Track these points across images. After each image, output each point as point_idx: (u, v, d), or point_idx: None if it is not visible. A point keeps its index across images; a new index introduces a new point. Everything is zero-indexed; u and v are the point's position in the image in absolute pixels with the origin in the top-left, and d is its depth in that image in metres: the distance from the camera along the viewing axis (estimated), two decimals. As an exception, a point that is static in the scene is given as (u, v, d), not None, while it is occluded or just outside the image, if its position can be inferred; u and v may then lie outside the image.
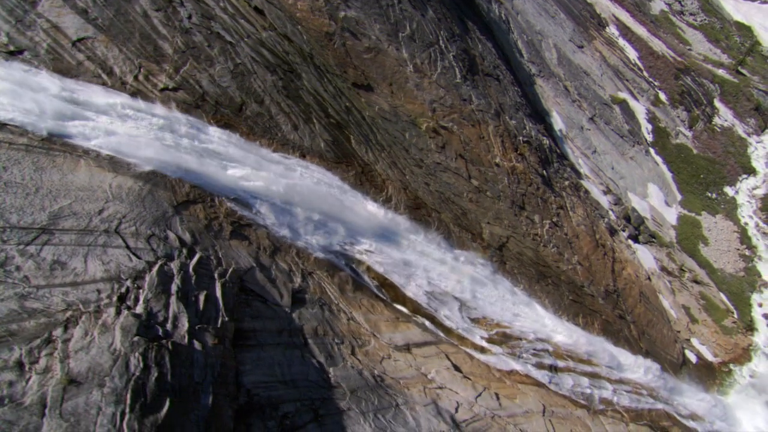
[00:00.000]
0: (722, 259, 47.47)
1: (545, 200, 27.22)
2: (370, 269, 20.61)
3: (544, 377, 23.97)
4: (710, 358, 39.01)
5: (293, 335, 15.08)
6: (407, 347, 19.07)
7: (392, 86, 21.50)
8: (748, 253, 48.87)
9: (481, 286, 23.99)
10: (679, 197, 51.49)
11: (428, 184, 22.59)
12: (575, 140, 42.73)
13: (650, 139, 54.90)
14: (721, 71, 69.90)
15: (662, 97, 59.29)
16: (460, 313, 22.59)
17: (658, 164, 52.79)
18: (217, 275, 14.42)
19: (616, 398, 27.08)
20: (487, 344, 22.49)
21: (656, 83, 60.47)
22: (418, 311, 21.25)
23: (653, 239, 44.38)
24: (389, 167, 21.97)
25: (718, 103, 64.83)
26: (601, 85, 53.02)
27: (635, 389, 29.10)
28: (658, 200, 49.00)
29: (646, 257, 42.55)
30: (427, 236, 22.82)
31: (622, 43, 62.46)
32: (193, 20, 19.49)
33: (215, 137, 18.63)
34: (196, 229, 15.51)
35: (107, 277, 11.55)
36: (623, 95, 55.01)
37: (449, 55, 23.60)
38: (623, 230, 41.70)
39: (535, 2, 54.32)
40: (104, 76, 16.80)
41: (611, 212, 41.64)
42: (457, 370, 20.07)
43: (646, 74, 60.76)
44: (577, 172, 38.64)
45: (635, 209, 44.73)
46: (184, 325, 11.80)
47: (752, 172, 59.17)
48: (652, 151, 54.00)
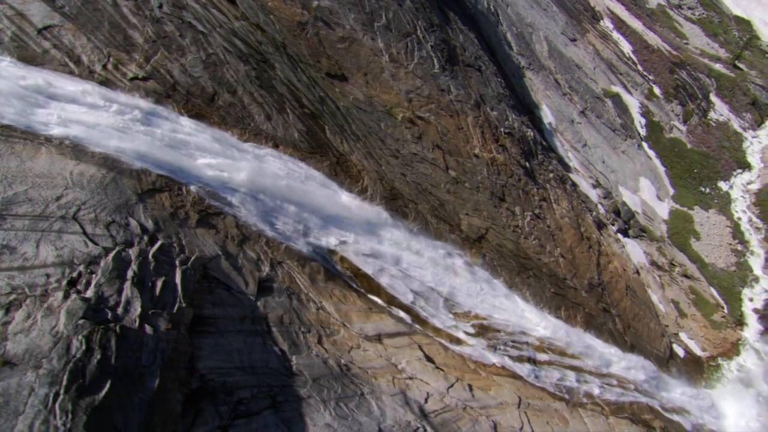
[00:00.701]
0: (714, 253, 47.24)
1: (527, 192, 27.11)
2: (343, 259, 20.59)
3: (521, 369, 23.94)
4: (698, 352, 38.89)
5: (256, 323, 15.08)
6: (378, 337, 19.06)
7: (367, 76, 21.42)
8: (740, 248, 48.60)
9: (459, 277, 23.94)
10: (671, 192, 51.21)
11: (405, 174, 22.53)
12: (565, 133, 42.51)
13: (643, 133, 54.56)
14: (718, 65, 69.34)
15: (656, 91, 58.86)
16: (436, 304, 22.56)
17: (650, 158, 52.49)
18: (178, 262, 14.40)
19: (596, 391, 27.03)
20: (463, 336, 22.47)
21: (651, 77, 60.04)
22: (392, 302, 21.23)
23: (643, 233, 44.20)
24: (365, 158, 21.91)
25: (714, 97, 64.34)
26: (593, 78, 52.69)
27: (618, 382, 29.04)
28: (649, 194, 48.74)
29: (635, 251, 42.38)
30: (403, 227, 22.77)
31: (616, 36, 62.00)
32: (164, 9, 19.44)
33: (186, 127, 18.60)
34: (160, 216, 15.50)
35: (59, 262, 11.55)
36: (616, 89, 54.64)
37: (427, 45, 23.48)
38: (612, 224, 41.52)
39: (527, -5, 53.94)
40: (71, 64, 16.78)
41: (600, 206, 41.46)
42: (429, 360, 20.06)
43: (640, 68, 60.33)
44: (565, 165, 38.47)
45: (625, 203, 44.53)
46: (136, 309, 11.80)
47: (747, 166, 58.76)
48: (645, 145, 53.68)
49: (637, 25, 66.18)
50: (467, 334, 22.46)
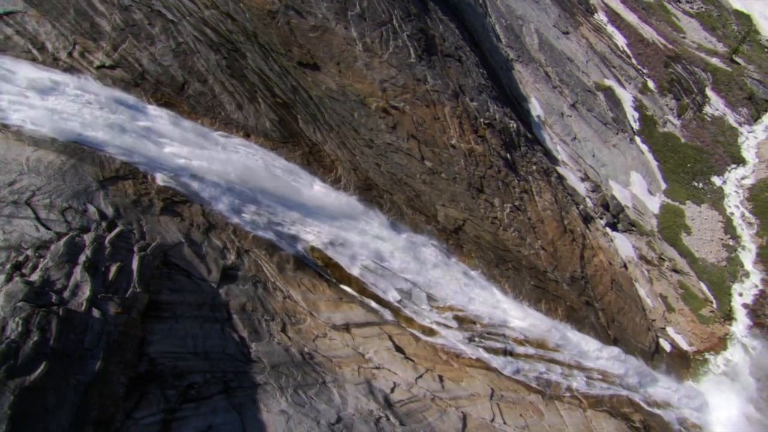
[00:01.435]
0: (704, 248, 46.95)
1: (507, 183, 26.95)
2: (314, 249, 20.54)
3: (496, 361, 23.87)
4: (685, 346, 38.75)
5: (215, 310, 15.07)
6: (346, 327, 19.04)
7: (340, 65, 21.30)
8: (731, 243, 48.28)
9: (434, 267, 23.86)
10: (663, 186, 50.87)
11: (379, 165, 22.42)
12: (554, 126, 42.24)
13: (636, 127, 54.16)
14: (714, 60, 68.68)
15: (651, 84, 58.38)
16: (410, 294, 22.50)
17: (643, 152, 52.12)
18: (137, 249, 14.38)
19: (575, 384, 26.95)
20: (436, 326, 22.41)
21: (645, 71, 59.53)
22: (364, 292, 21.19)
23: (633, 227, 43.96)
24: (338, 147, 21.82)
25: (709, 91, 63.76)
26: (585, 71, 52.27)
27: (597, 376, 28.95)
28: (640, 189, 48.44)
29: (624, 245, 42.17)
30: (377, 217, 22.69)
31: (610, 29, 61.44)
32: (132, -3, 19.33)
33: (153, 115, 18.55)
34: (121, 203, 15.49)
35: (5, 246, 11.55)
36: (609, 82, 54.22)
37: (403, 34, 23.29)
38: (600, 218, 41.30)
39: (520, -12, 53.46)
40: (35, 51, 16.74)
41: (588, 199, 41.24)
42: (399, 351, 20.02)
43: (634, 61, 59.81)
44: (552, 158, 38.24)
45: (615, 197, 44.26)
46: (84, 293, 11.79)
47: (742, 161, 58.29)
48: (637, 139, 53.29)
49: (632, 18, 65.57)
50: (440, 324, 22.41)
